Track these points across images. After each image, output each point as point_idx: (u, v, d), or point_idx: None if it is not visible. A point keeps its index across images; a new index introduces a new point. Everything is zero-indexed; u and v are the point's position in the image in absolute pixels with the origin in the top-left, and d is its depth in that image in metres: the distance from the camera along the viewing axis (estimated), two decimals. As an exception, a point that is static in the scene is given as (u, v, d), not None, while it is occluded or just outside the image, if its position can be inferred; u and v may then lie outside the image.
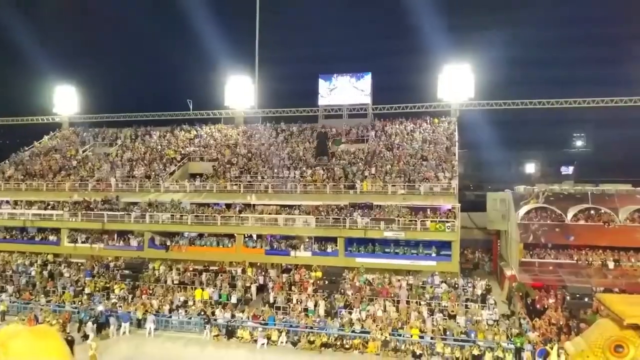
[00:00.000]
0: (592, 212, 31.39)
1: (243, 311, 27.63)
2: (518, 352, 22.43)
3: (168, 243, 35.39)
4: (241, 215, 34.52)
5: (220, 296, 29.77)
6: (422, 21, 52.46)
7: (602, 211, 31.13)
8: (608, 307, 11.43)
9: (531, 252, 30.54)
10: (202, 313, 27.51)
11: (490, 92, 44.30)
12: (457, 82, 42.63)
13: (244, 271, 32.66)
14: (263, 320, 26.42)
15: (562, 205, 31.96)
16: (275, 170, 38.07)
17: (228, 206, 35.90)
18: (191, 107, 48.71)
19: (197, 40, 54.45)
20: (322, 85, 45.39)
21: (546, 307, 26.58)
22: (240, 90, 47.38)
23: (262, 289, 31.20)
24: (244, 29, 52.13)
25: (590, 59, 54.00)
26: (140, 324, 27.11)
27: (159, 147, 45.50)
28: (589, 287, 26.06)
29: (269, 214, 34.42)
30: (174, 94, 54.17)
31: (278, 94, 50.78)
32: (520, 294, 28.06)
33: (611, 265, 28.95)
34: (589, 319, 22.90)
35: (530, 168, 58.69)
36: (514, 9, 56.39)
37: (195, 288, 30.63)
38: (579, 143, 64.16)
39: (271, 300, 28.90)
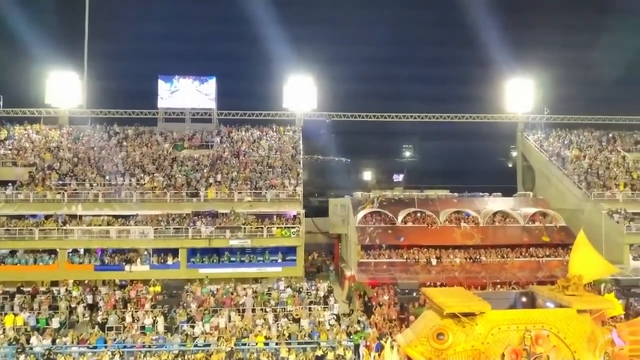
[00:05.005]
0: (418, 214, 34.83)
1: (66, 335, 24.43)
2: (357, 348, 23.55)
3: (-31, 263, 29.87)
4: (65, 227, 31.03)
5: (37, 321, 26.27)
6: (267, 30, 53.03)
7: (426, 214, 34.71)
8: (431, 300, 12.44)
9: (368, 253, 32.59)
10: (15, 342, 23.75)
11: (331, 104, 46.62)
12: (301, 92, 43.91)
13: (68, 290, 28.91)
14: (91, 343, 23.62)
15: (393, 209, 34.90)
16: (107, 177, 34.77)
17: (48, 217, 31.71)
18: (1, 104, 41.74)
19: (8, 26, 46.72)
20: (162, 86, 42.84)
21: (381, 303, 28.48)
22: (64, 87, 41.99)
23: (91, 309, 27.97)
24: (72, 18, 46.66)
25: (417, 78, 60.45)
26: None
27: (-42, 149, 38.16)
28: (416, 283, 28.62)
29: (99, 225, 31.30)
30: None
31: (111, 94, 46.33)
32: (359, 292, 29.67)
33: (434, 261, 32.29)
34: (416, 311, 25.05)
35: (367, 175, 63.35)
36: (352, 26, 60.45)
37: (6, 314, 26.54)
38: (407, 153, 71.37)
39: (101, 321, 26.02)
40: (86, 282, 30.43)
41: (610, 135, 45.54)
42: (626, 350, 11.52)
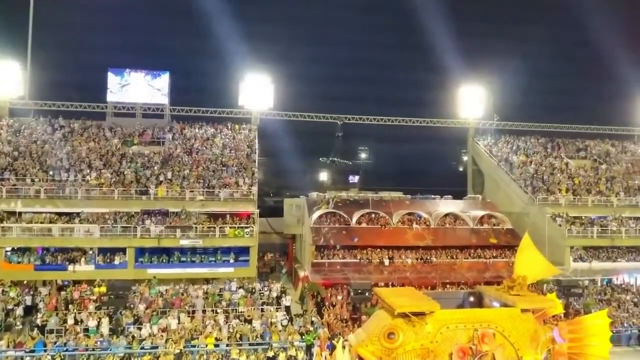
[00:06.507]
0: (373, 215, 35.18)
1: (2, 339, 23.05)
2: (309, 348, 23.49)
3: None
4: (2, 225, 29.28)
5: (-31, 324, 24.43)
6: (224, 26, 52.14)
7: (380, 215, 35.12)
8: (383, 300, 12.51)
9: (322, 254, 32.62)
10: (-57, 348, 22.08)
11: (288, 104, 46.33)
12: (258, 91, 43.33)
13: (4, 291, 27.30)
14: (28, 347, 22.41)
15: (348, 210, 35.11)
16: (51, 172, 33.07)
17: (-16, 214, 29.90)
18: None
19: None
20: (112, 79, 41.06)
21: (334, 304, 28.56)
22: (4, 77, 39.36)
23: (29, 310, 26.50)
24: (14, 3, 44.07)
25: (373, 81, 61.22)
26: None
27: None
28: (369, 283, 28.84)
29: (41, 222, 29.68)
30: None
31: (57, 85, 43.99)
32: (312, 293, 29.61)
33: (387, 262, 32.72)
34: (368, 311, 25.26)
35: (323, 176, 63.47)
36: (309, 28, 60.46)
37: None
38: (363, 155, 71.97)
39: (40, 323, 24.71)
40: (25, 282, 28.89)
41: (555, 142, 47.74)
42: (565, 347, 12.00)
